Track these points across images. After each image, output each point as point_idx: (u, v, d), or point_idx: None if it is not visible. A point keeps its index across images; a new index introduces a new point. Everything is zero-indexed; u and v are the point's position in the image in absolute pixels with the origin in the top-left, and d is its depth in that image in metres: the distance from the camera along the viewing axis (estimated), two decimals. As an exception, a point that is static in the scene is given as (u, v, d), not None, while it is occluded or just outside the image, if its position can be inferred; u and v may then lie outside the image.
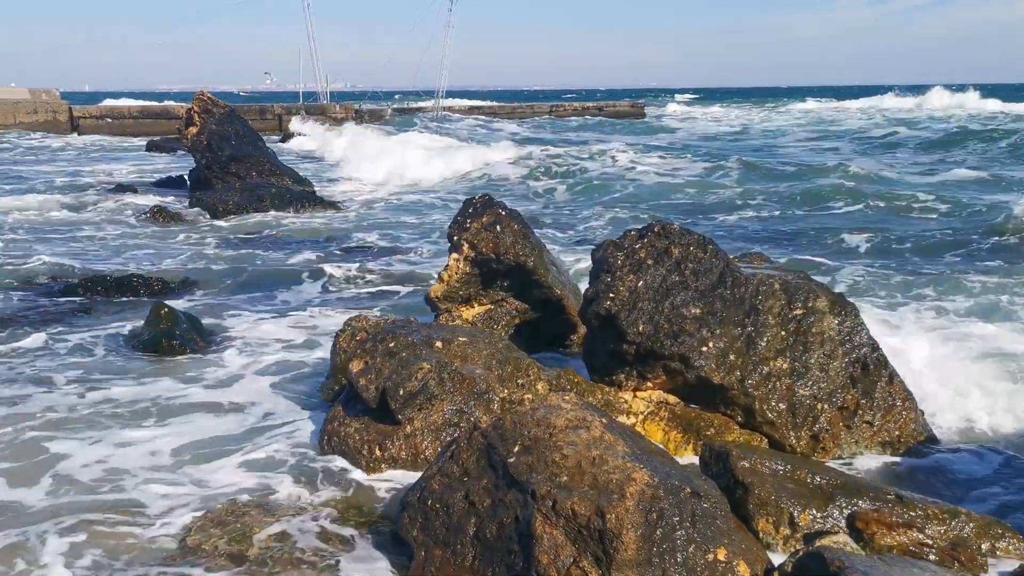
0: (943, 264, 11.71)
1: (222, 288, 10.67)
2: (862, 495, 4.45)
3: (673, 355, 5.50)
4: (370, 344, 5.69)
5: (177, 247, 13.45)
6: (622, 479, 3.73)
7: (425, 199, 19.74)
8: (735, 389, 5.53)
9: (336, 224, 15.88)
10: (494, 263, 6.83)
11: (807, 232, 14.54)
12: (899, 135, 37.72)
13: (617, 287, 5.62)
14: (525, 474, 3.91)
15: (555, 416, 4.16)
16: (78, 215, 16.70)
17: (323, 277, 11.18)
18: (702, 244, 5.78)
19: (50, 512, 4.82)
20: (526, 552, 3.72)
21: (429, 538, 4.09)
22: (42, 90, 45.03)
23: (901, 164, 26.29)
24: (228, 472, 5.40)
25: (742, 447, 4.99)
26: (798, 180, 20.79)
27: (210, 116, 19.63)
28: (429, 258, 12.64)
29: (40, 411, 6.30)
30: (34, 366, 7.36)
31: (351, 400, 5.62)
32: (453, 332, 5.90)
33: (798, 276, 6.06)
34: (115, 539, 4.52)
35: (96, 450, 5.68)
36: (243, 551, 4.26)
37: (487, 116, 58.74)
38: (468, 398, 5.39)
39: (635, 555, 3.54)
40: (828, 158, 28.44)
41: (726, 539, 3.68)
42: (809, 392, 5.58)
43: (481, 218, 6.89)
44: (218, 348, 7.97)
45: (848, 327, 5.76)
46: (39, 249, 12.88)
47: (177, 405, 6.52)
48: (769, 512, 4.40)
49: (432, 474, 4.29)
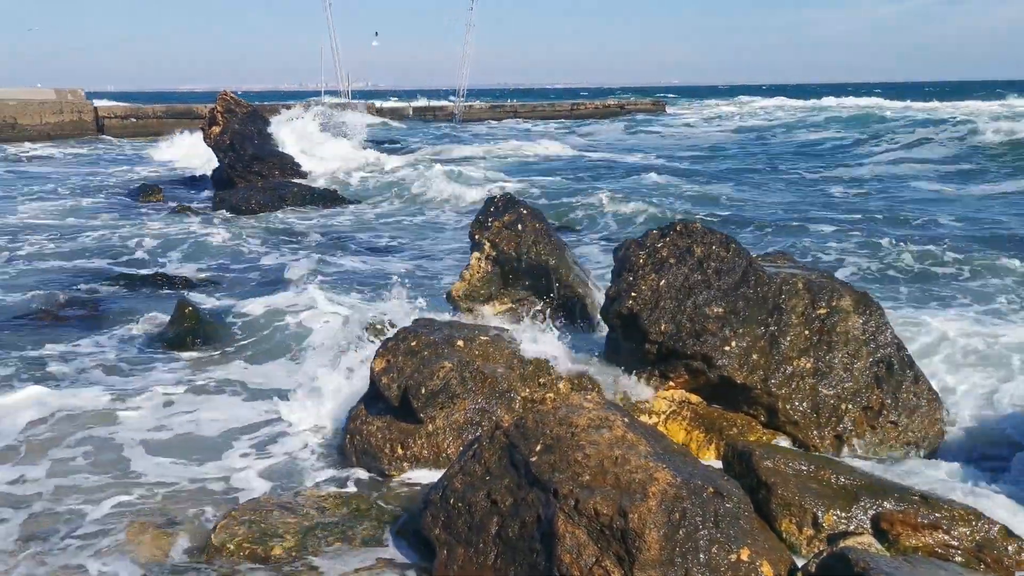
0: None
1: (245, 285, 10.74)
2: (887, 495, 4.42)
3: (695, 354, 5.48)
4: (392, 343, 5.70)
5: (201, 245, 13.54)
6: (644, 479, 3.72)
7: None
8: (758, 389, 5.50)
9: (358, 222, 15.95)
10: (515, 262, 6.83)
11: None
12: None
13: (639, 286, 5.61)
14: (547, 473, 3.91)
15: (577, 415, 4.16)
16: (102, 215, 16.85)
17: (345, 274, 11.22)
18: (725, 243, 5.75)
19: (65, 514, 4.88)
20: (548, 551, 3.72)
21: (451, 537, 4.10)
22: (68, 90, 45.40)
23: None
24: (250, 470, 5.44)
25: (765, 447, 4.97)
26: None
27: (233, 116, 19.77)
28: (451, 256, 12.66)
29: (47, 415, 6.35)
30: (53, 365, 7.42)
31: (373, 399, 5.64)
32: (475, 331, 5.91)
33: (822, 275, 6.02)
34: (139, 536, 4.56)
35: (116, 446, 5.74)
36: (267, 551, 4.28)
37: (509, 116, 58.61)
38: (490, 397, 5.39)
39: (658, 555, 3.53)
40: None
41: (749, 539, 3.67)
42: (833, 392, 5.54)
43: (503, 217, 6.89)
44: (240, 345, 8.03)
45: (873, 326, 5.72)
46: (64, 250, 13.01)
47: (199, 402, 6.57)
48: (793, 512, 4.37)
49: (454, 473, 4.30)
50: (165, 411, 6.40)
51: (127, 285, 10.26)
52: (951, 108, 50.53)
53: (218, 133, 19.61)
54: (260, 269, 11.71)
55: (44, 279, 10.77)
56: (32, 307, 9.29)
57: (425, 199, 18.96)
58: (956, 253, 11.53)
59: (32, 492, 5.13)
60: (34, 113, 41.75)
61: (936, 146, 29.76)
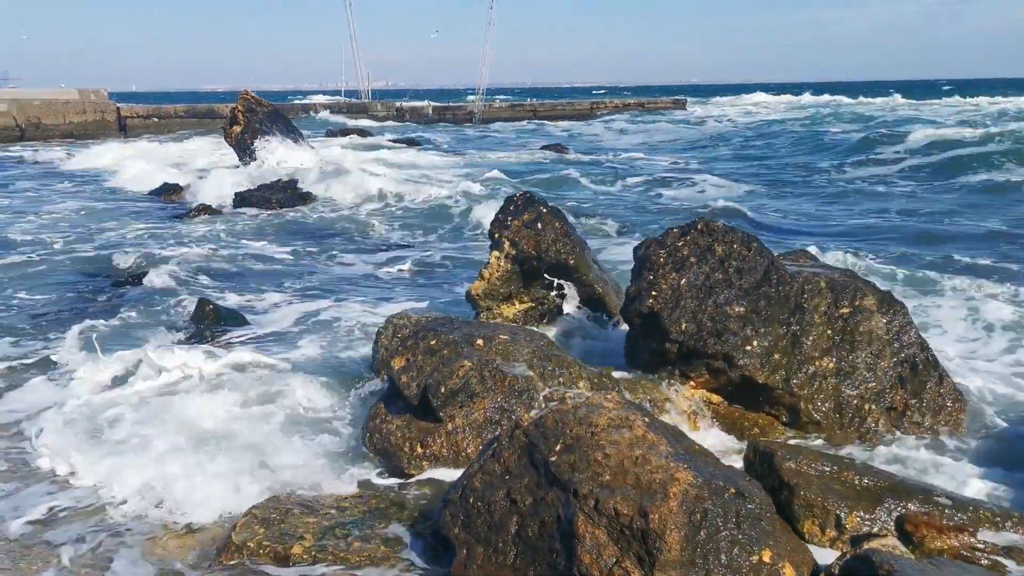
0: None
1: (265, 283, 10.77)
2: (911, 497, 4.36)
3: (716, 354, 5.44)
4: (411, 342, 5.70)
5: (222, 243, 13.60)
6: (665, 479, 3.69)
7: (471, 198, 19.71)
8: (780, 388, 5.45)
9: (380, 220, 15.98)
10: (535, 261, 6.81)
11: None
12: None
13: (660, 285, 5.57)
14: (567, 473, 3.88)
15: (597, 415, 4.13)
16: (123, 213, 16.96)
17: (365, 273, 11.24)
18: (746, 242, 5.70)
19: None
20: (568, 551, 3.69)
21: (471, 536, 4.08)
22: (91, 90, 45.81)
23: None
24: (270, 468, 5.43)
25: (787, 447, 4.92)
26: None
27: (254, 115, 19.87)
28: (472, 255, 12.65)
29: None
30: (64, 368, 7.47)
31: (393, 397, 5.63)
32: (494, 330, 5.89)
33: (844, 274, 5.96)
34: (159, 535, 4.59)
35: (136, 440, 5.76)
36: (287, 550, 4.29)
37: (528, 115, 58.38)
38: (509, 396, 5.37)
39: (679, 556, 3.49)
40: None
41: (771, 540, 3.63)
42: (856, 392, 5.48)
43: (522, 216, 6.87)
44: (261, 343, 8.04)
45: (896, 326, 5.65)
46: (86, 248, 13.10)
47: (219, 401, 6.57)
48: (815, 514, 4.32)
49: (474, 472, 4.28)
50: (181, 404, 6.42)
51: (147, 283, 10.30)
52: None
53: (239, 132, 19.72)
54: (279, 265, 11.74)
55: (59, 280, 10.83)
56: (48, 308, 9.35)
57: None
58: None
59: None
60: (57, 113, 42.17)
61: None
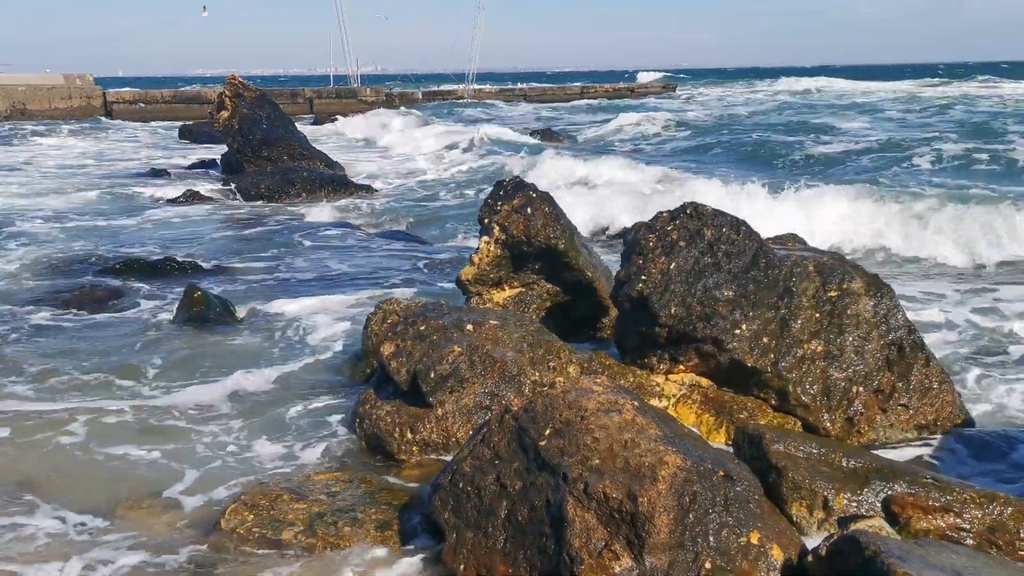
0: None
1: (253, 270, 10.74)
2: (898, 479, 4.39)
3: (706, 338, 5.46)
4: (401, 327, 5.70)
5: (209, 230, 13.55)
6: (654, 462, 3.71)
7: (458, 180, 19.69)
8: (768, 372, 5.48)
9: (368, 207, 15.94)
10: (525, 246, 6.81)
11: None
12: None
13: (649, 269, 5.58)
14: (557, 457, 3.90)
15: (586, 399, 4.14)
16: (113, 201, 16.87)
17: (353, 259, 11.21)
18: (735, 226, 5.71)
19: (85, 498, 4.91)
20: (558, 535, 3.71)
21: (460, 521, 4.09)
22: (76, 75, 45.50)
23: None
24: (259, 454, 5.45)
25: (776, 430, 4.95)
26: None
27: (241, 100, 19.73)
28: (461, 240, 12.64)
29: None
30: (58, 346, 7.44)
31: (382, 383, 5.64)
32: (484, 315, 5.89)
33: (833, 258, 5.98)
34: (147, 518, 4.59)
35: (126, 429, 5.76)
36: (276, 535, 4.29)
37: (518, 99, 58.19)
38: (499, 381, 5.38)
39: (667, 538, 3.52)
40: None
41: (759, 523, 3.66)
42: (844, 375, 5.51)
43: (512, 200, 6.85)
44: (249, 329, 8.03)
45: (884, 309, 5.68)
46: (77, 234, 13.04)
47: (207, 387, 6.57)
48: (803, 496, 4.35)
49: (463, 457, 4.29)
50: (166, 393, 6.41)
51: (134, 269, 10.25)
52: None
53: (227, 118, 19.58)
54: (267, 252, 11.70)
55: (48, 265, 10.77)
56: (35, 295, 9.31)
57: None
58: None
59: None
60: (43, 98, 41.87)
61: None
